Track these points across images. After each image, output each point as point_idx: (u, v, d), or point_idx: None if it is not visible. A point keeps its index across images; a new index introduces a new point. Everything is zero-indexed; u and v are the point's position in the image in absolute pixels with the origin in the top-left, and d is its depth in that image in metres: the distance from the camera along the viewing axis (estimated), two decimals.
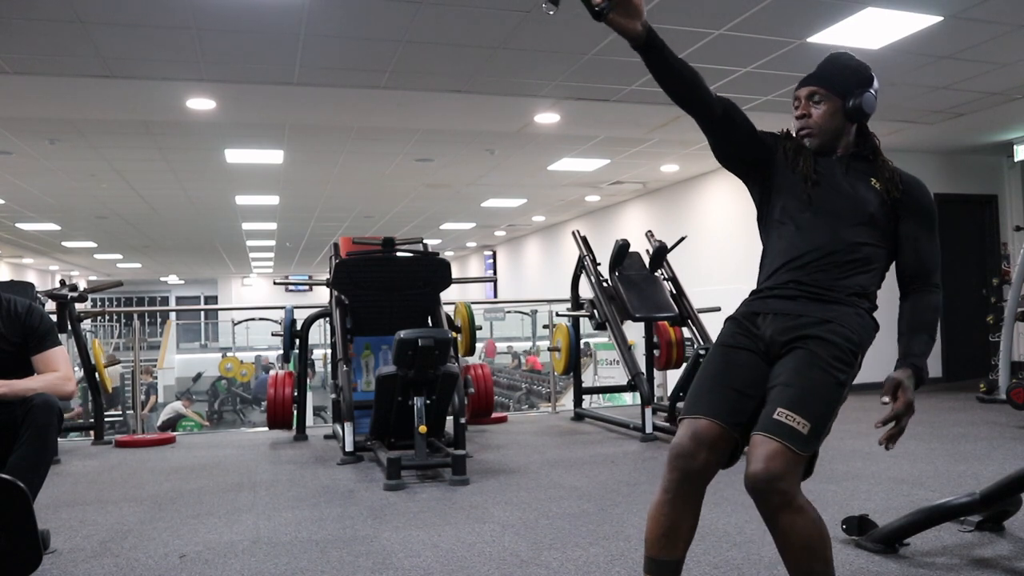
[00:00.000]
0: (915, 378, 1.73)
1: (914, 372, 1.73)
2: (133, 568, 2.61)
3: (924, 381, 1.75)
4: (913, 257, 1.85)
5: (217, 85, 5.48)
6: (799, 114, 1.90)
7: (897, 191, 1.84)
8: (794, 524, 1.61)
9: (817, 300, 1.78)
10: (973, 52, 5.02)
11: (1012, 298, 5.75)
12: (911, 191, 1.86)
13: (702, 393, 1.76)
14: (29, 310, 2.77)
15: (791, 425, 1.61)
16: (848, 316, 1.76)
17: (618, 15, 1.62)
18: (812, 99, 1.88)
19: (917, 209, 1.86)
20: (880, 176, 1.86)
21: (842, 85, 1.86)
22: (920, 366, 1.74)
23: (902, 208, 1.85)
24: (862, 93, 1.85)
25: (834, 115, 1.86)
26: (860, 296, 1.80)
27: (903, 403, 1.69)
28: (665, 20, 4.43)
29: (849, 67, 1.89)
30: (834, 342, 1.72)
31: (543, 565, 2.56)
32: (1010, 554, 2.53)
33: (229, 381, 14.16)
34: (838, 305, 1.77)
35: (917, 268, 1.85)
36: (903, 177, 1.88)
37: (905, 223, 1.85)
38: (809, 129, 1.89)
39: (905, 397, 1.69)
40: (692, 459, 1.68)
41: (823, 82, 1.88)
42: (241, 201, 11.07)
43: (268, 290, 25.80)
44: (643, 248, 5.70)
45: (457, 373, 4.17)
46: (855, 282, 1.79)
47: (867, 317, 1.81)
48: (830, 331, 1.73)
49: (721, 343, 1.85)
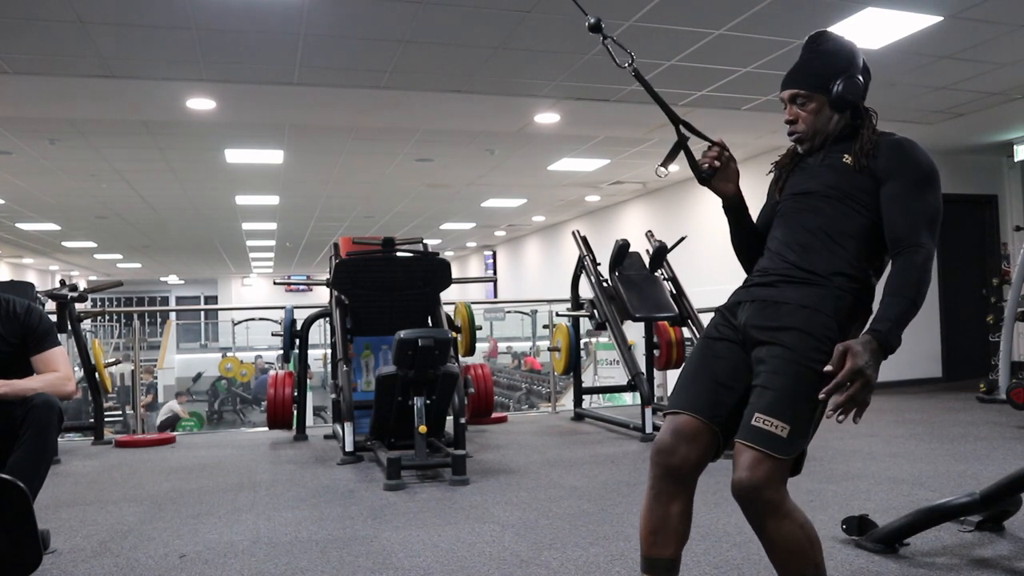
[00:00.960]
0: (876, 345, 1.59)
1: (874, 337, 1.60)
2: (133, 568, 2.61)
3: (891, 349, 1.62)
4: (893, 219, 1.73)
5: (217, 85, 5.48)
6: (787, 119, 1.88)
7: (866, 158, 1.77)
8: (780, 530, 1.61)
9: (796, 283, 1.75)
10: (973, 52, 5.02)
11: (1012, 298, 5.75)
12: (889, 152, 1.78)
13: (683, 387, 1.77)
14: (29, 310, 2.77)
15: (769, 431, 1.60)
16: (826, 300, 1.72)
17: (719, 180, 1.89)
18: (796, 101, 1.86)
19: (895, 169, 1.76)
20: (851, 148, 1.81)
21: (822, 78, 1.82)
22: (881, 331, 1.61)
23: (880, 171, 1.77)
24: (844, 80, 1.81)
25: (821, 112, 1.84)
26: (842, 275, 1.74)
27: (848, 369, 1.56)
28: (665, 20, 4.43)
29: (827, 52, 1.85)
30: (811, 333, 1.68)
31: (543, 565, 2.56)
32: (1010, 554, 2.53)
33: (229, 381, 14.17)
34: (817, 287, 1.73)
35: (899, 229, 1.72)
36: (883, 141, 1.80)
37: (885, 186, 1.76)
38: (799, 134, 1.87)
39: (853, 363, 1.56)
40: (672, 455, 1.69)
41: (801, 81, 1.85)
42: (241, 201, 11.07)
43: (268, 290, 25.80)
44: (643, 248, 5.70)
45: (457, 373, 4.17)
46: (835, 262, 1.75)
47: (848, 298, 1.73)
48: (806, 320, 1.69)
49: (705, 335, 1.86)
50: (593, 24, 1.91)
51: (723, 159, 1.87)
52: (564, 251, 13.37)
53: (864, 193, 1.78)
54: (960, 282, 7.77)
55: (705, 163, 1.88)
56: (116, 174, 8.90)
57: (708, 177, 1.88)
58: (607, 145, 8.00)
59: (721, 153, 1.87)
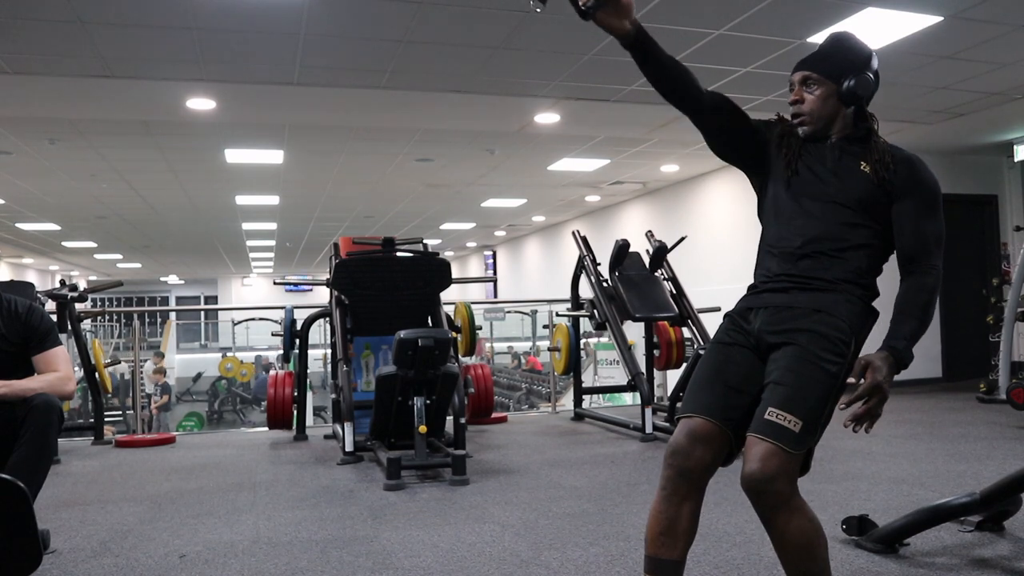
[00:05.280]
0: (892, 360, 1.67)
1: (891, 354, 1.67)
2: (133, 568, 2.61)
3: (904, 364, 1.69)
4: (907, 238, 1.78)
5: (217, 85, 5.48)
6: (792, 99, 1.86)
7: (887, 171, 1.78)
8: (790, 524, 1.62)
9: (807, 290, 1.77)
10: (973, 52, 5.02)
11: (1012, 298, 5.75)
12: (904, 169, 1.79)
13: (697, 391, 1.78)
14: (29, 310, 2.77)
15: (783, 424, 1.61)
16: (839, 304, 1.74)
17: (606, 14, 1.63)
18: (805, 84, 1.84)
19: (910, 188, 1.79)
20: (870, 158, 1.81)
21: (836, 68, 1.82)
22: (898, 348, 1.68)
23: (895, 188, 1.78)
24: (857, 75, 1.80)
25: (827, 99, 1.83)
26: (852, 283, 1.77)
27: (869, 384, 1.63)
28: (665, 20, 4.43)
29: (846, 48, 1.84)
30: (824, 334, 1.70)
31: (543, 565, 2.56)
32: (1010, 554, 2.53)
33: (229, 381, 14.18)
34: (829, 293, 1.75)
35: (912, 249, 1.77)
36: (897, 156, 1.81)
37: (899, 203, 1.78)
38: (802, 116, 1.85)
39: (872, 378, 1.64)
40: (687, 456, 1.69)
41: (816, 66, 1.84)
42: (241, 201, 11.07)
43: (268, 290, 25.80)
44: (643, 248, 5.70)
45: (457, 373, 4.17)
46: (846, 269, 1.77)
47: (859, 304, 1.77)
48: (820, 322, 1.72)
49: (717, 340, 1.86)
50: None
51: None
52: (564, 251, 13.37)
53: (878, 205, 1.80)
54: (960, 282, 7.76)
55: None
56: (116, 174, 8.90)
57: (591, 11, 1.62)
58: (607, 145, 8.00)
59: None
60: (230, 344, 17.89)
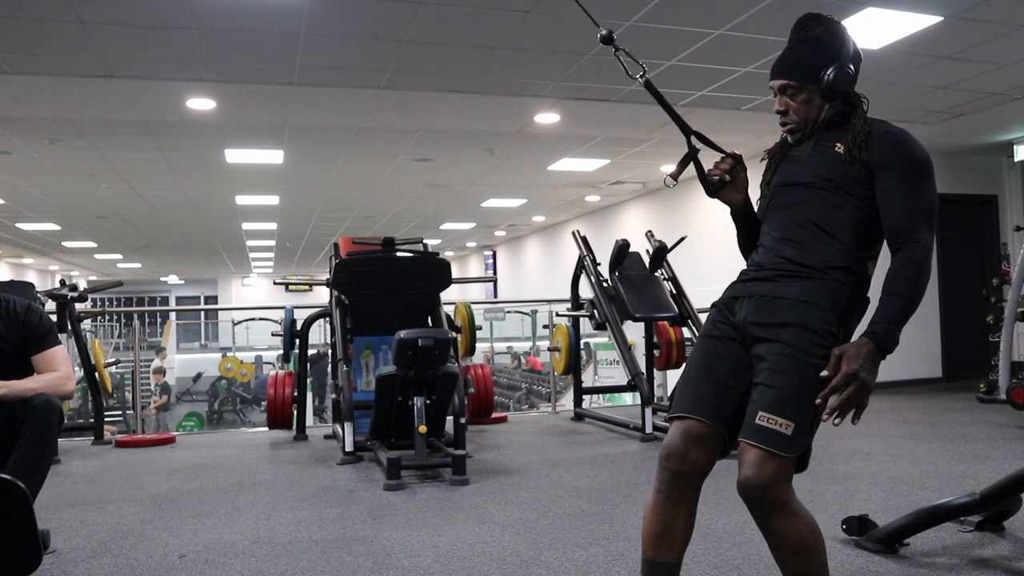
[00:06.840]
0: (872, 347, 1.61)
1: (870, 339, 1.62)
2: (133, 568, 2.61)
3: (888, 349, 1.63)
4: (891, 213, 1.72)
5: (217, 85, 5.48)
6: (778, 109, 1.85)
7: (859, 150, 1.74)
8: (787, 527, 1.61)
9: (792, 277, 1.74)
10: (973, 52, 5.02)
11: (1012, 298, 5.75)
12: (881, 144, 1.74)
13: (688, 390, 1.77)
14: (29, 310, 2.77)
15: (775, 429, 1.60)
16: (823, 293, 1.71)
17: (728, 190, 1.89)
18: (786, 92, 1.83)
19: (889, 162, 1.72)
20: (844, 138, 1.78)
21: (812, 69, 1.79)
22: (877, 332, 1.62)
23: (874, 165, 1.73)
24: (835, 70, 1.77)
25: (811, 102, 1.81)
26: (838, 268, 1.73)
27: (842, 375, 1.59)
28: (665, 20, 4.43)
29: (816, 43, 1.80)
30: (810, 327, 1.67)
31: (543, 565, 2.56)
32: (1010, 554, 2.53)
33: (229, 381, 14.19)
34: (813, 280, 1.72)
35: (897, 224, 1.71)
36: (876, 132, 1.76)
37: (880, 179, 1.73)
38: (791, 125, 1.86)
39: (846, 368, 1.59)
40: (683, 459, 1.69)
41: (791, 73, 1.81)
42: (241, 201, 11.07)
43: (268, 290, 25.79)
44: (643, 248, 5.70)
45: (457, 373, 4.17)
46: (830, 255, 1.74)
47: (845, 291, 1.72)
48: (805, 316, 1.68)
49: (704, 333, 1.84)
50: (605, 36, 1.89)
51: (734, 173, 1.87)
52: (564, 251, 13.36)
53: (857, 184, 1.75)
54: (960, 282, 7.76)
55: (715, 175, 1.88)
56: (116, 174, 8.90)
57: (717, 189, 1.89)
58: (607, 145, 8.00)
59: (733, 167, 1.87)
60: (230, 344, 17.89)
